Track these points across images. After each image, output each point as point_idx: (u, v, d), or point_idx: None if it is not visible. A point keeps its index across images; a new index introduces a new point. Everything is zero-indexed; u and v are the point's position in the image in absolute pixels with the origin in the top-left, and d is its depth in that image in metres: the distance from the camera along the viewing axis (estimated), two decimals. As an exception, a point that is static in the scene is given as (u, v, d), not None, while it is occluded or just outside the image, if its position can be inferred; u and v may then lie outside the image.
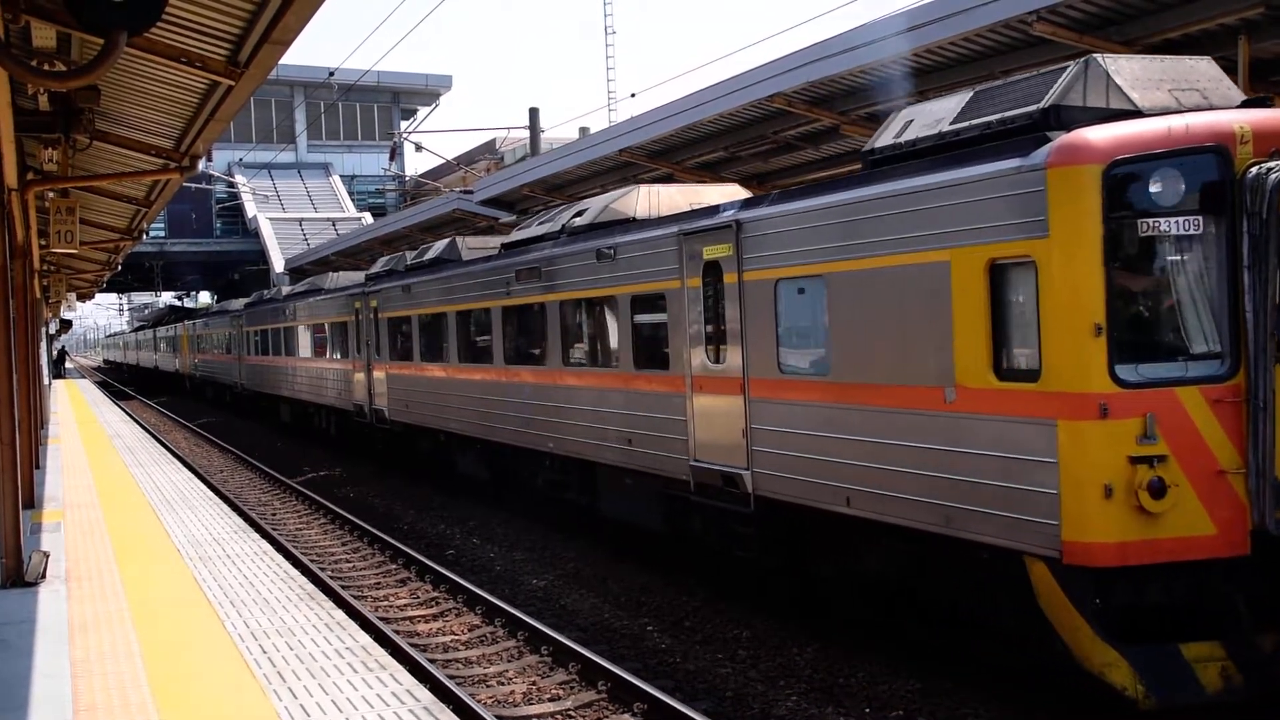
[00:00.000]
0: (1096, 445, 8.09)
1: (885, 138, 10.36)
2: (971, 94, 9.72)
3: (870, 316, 9.91)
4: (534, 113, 40.30)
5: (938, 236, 9.10)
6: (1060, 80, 8.81)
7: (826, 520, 10.76)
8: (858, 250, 9.98)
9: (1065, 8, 12.79)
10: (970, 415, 8.92)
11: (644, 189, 15.07)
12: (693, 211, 13.11)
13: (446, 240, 21.64)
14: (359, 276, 28.37)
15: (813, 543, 11.39)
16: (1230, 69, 12.98)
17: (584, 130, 47.06)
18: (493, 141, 61.04)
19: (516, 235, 18.26)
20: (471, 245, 20.86)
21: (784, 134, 19.55)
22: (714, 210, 12.42)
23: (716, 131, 20.48)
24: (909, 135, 10.03)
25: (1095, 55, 8.99)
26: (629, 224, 14.42)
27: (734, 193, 14.61)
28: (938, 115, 9.86)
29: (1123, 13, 12.93)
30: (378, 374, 24.29)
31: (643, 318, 13.81)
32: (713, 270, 12.09)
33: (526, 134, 42.20)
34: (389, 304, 23.48)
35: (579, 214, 15.94)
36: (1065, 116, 8.58)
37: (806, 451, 10.69)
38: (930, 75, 15.88)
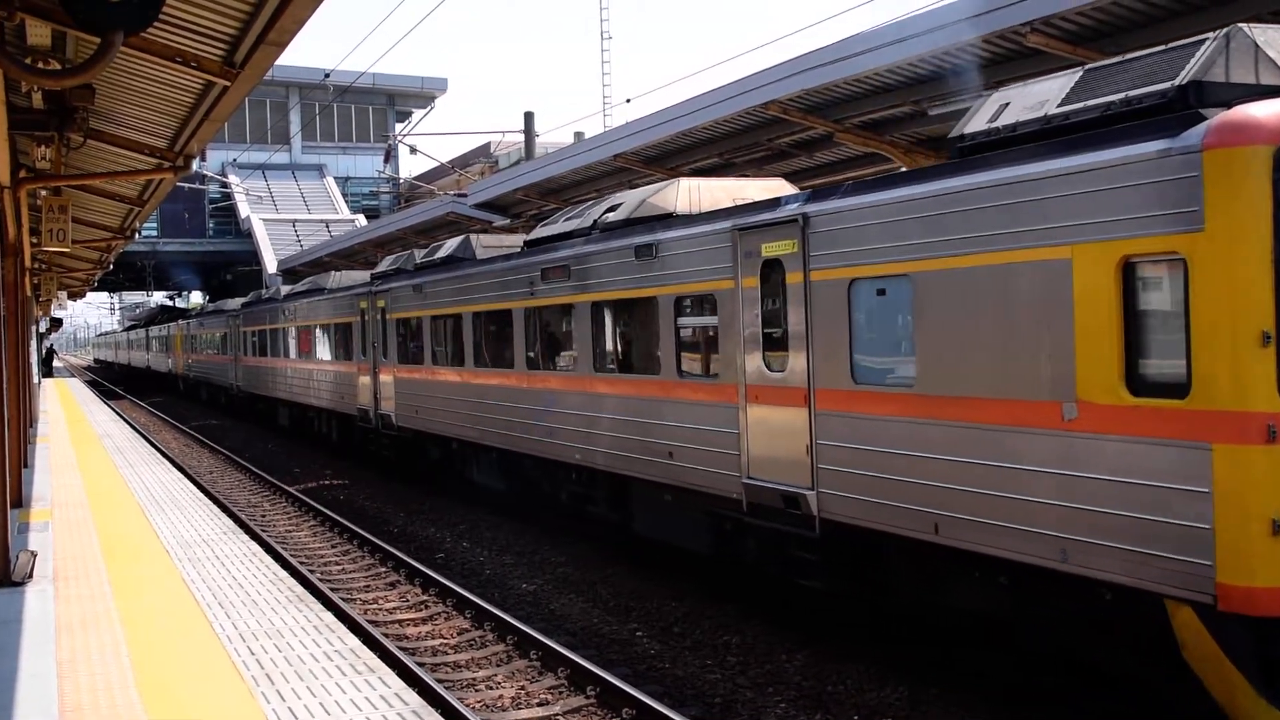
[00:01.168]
0: (1263, 474, 6.99)
1: (977, 123, 9.36)
2: (1080, 73, 8.78)
3: (966, 320, 8.85)
4: (529, 117, 40.36)
5: (1055, 231, 8.09)
6: (1199, 54, 7.82)
7: (907, 548, 9.73)
8: (952, 246, 8.96)
9: (1059, 19, 12.84)
10: (1095, 435, 7.85)
11: (684, 182, 14.06)
12: (749, 205, 11.99)
13: (459, 238, 20.81)
14: (364, 276, 27.62)
15: (888, 572, 10.29)
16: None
17: (579, 135, 47.08)
18: (487, 145, 61.05)
19: (541, 232, 17.16)
20: (486, 244, 20.08)
21: (779, 141, 19.60)
22: (774, 204, 11.36)
23: (711, 138, 20.52)
24: (1007, 120, 9.04)
25: (1240, 25, 7.99)
26: (669, 220, 13.47)
27: (779, 188, 13.76)
28: (1041, 97, 8.89)
29: (1115, 25, 12.99)
30: (384, 377, 23.35)
31: (688, 321, 12.81)
32: (773, 269, 11.08)
33: (521, 138, 42.24)
34: (398, 304, 22.43)
35: (612, 209, 14.93)
36: (1207, 94, 7.60)
37: (884, 471, 9.62)
38: (925, 85, 15.93)
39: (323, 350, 28.45)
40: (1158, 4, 12.34)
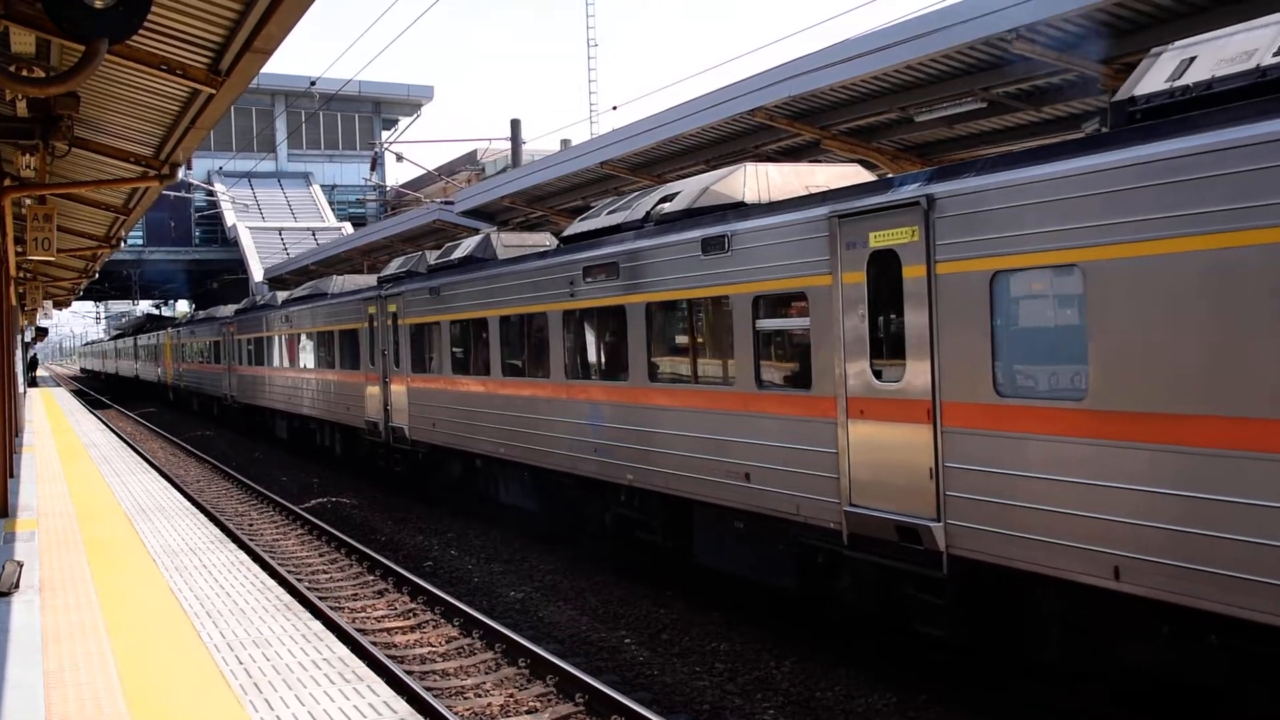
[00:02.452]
0: None
1: (1150, 84, 8.01)
2: None
3: (1167, 318, 7.33)
4: (515, 124, 40.42)
5: None
6: None
7: (1070, 594, 8.32)
8: (1141, 229, 7.46)
9: (1044, 26, 12.89)
10: None
11: (750, 168, 12.58)
12: (850, 189, 10.51)
13: (479, 237, 19.48)
14: (369, 280, 26.36)
15: (1037, 620, 8.85)
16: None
17: (566, 142, 47.11)
18: (474, 152, 61.03)
19: (580, 226, 15.56)
20: (508, 242, 18.69)
21: (765, 148, 19.62)
22: (883, 186, 9.87)
23: (698, 145, 20.54)
24: (1195, 77, 7.69)
25: None
26: (741, 209, 11.93)
27: (855, 174, 12.47)
28: (1245, 48, 7.53)
29: (1101, 33, 13.04)
30: (396, 387, 21.68)
31: (771, 323, 11.22)
32: (884, 262, 9.55)
33: (508, 145, 42.27)
34: (412, 309, 20.76)
35: (666, 199, 13.51)
36: None
37: (1041, 502, 8.15)
38: (913, 91, 15.97)
39: (325, 359, 26.93)
40: (1141, 10, 12.41)
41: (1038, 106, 15.69)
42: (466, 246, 19.47)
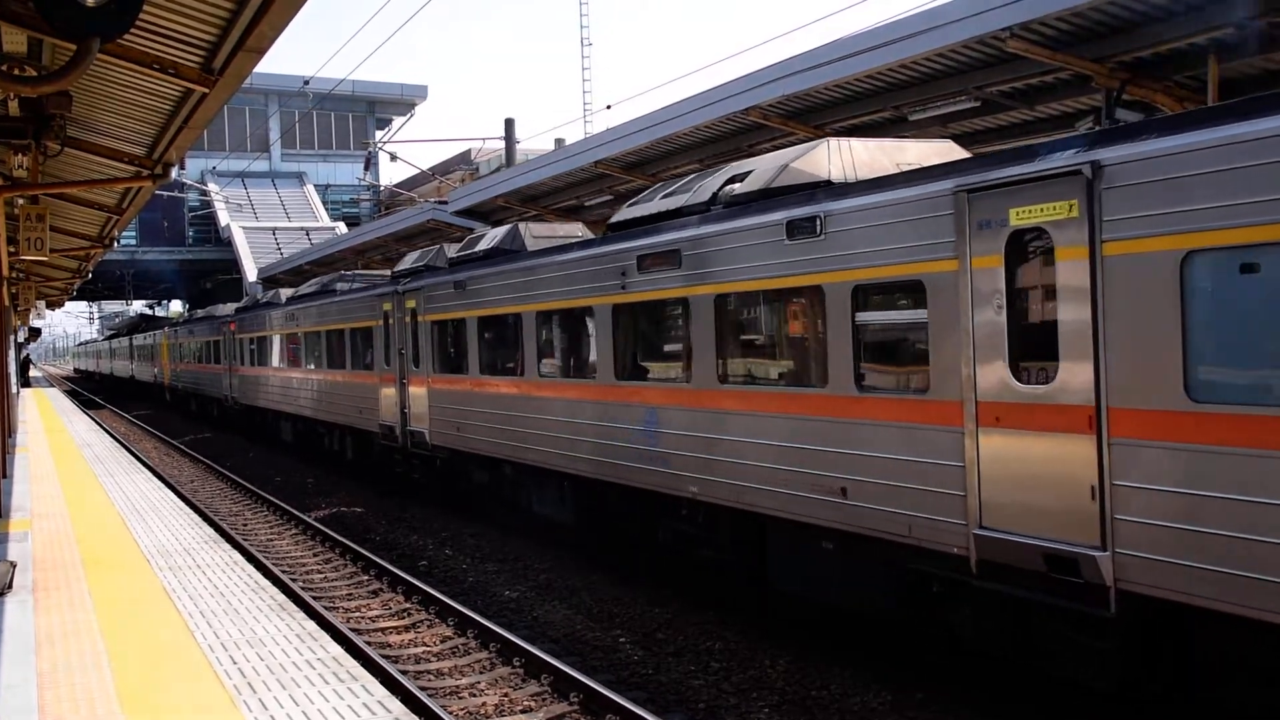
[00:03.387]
0: None
1: None
2: None
3: None
4: (509, 123, 40.39)
5: None
6: None
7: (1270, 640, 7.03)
8: None
9: (1038, 24, 12.89)
10: None
11: (834, 143, 11.45)
12: (981, 159, 9.30)
13: (505, 228, 18.20)
14: (384, 274, 25.06)
15: (1241, 669, 7.50)
16: (1200, 89, 13.16)
17: (560, 141, 47.10)
18: (468, 152, 61.03)
19: (631, 212, 14.16)
20: (537, 233, 17.55)
21: (760, 147, 19.61)
22: (1025, 154, 8.52)
23: (692, 144, 20.55)
24: None
25: None
26: (830, 188, 10.73)
27: (948, 151, 11.44)
28: None
29: (1095, 31, 13.04)
30: (415, 389, 20.22)
31: (875, 316, 9.98)
32: (1027, 243, 8.36)
33: (502, 145, 42.25)
34: (433, 304, 19.24)
35: (735, 179, 12.30)
36: None
37: (1252, 530, 6.88)
38: (907, 90, 15.98)
39: (335, 359, 25.43)
40: (1133, 9, 12.41)
41: (1031, 105, 15.69)
42: (492, 237, 18.25)
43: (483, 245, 18.32)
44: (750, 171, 12.04)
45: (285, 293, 32.93)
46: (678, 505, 12.83)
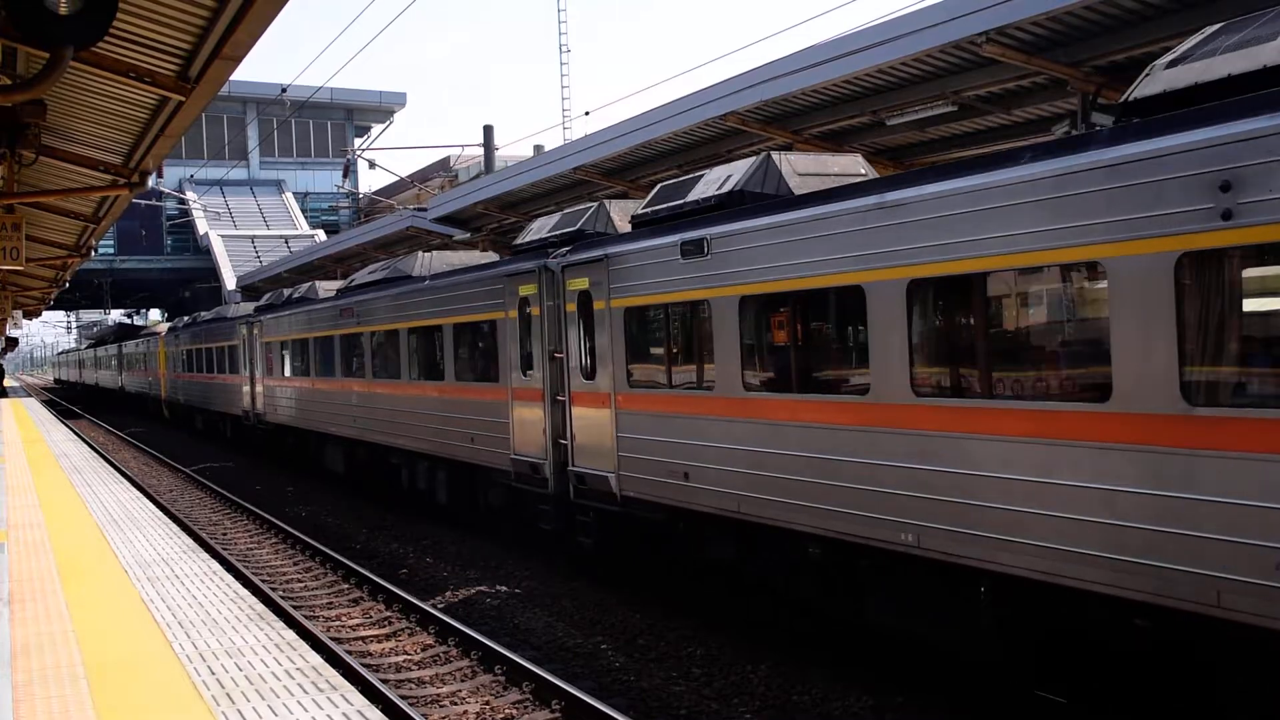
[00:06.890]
0: None
1: None
2: None
3: None
4: (488, 130, 40.41)
5: None
6: None
7: None
8: None
9: (1014, 29, 12.96)
10: None
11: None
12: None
13: (749, 161, 12.12)
14: (473, 255, 20.69)
15: None
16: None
17: (538, 148, 47.10)
18: (447, 159, 61.01)
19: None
20: (803, 169, 11.93)
21: (738, 152, 19.65)
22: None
23: (671, 150, 20.58)
24: None
25: None
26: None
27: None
28: None
29: (1070, 35, 13.13)
30: (586, 411, 14.14)
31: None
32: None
33: (481, 151, 42.23)
34: (629, 283, 13.00)
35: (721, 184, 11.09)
36: None
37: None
38: (883, 95, 16.04)
39: (425, 366, 19.56)
40: (1107, 13, 12.49)
41: (1008, 109, 15.78)
42: (720, 179, 12.28)
43: (702, 191, 12.36)
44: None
45: (327, 285, 27.72)
46: (804, 543, 10.53)
